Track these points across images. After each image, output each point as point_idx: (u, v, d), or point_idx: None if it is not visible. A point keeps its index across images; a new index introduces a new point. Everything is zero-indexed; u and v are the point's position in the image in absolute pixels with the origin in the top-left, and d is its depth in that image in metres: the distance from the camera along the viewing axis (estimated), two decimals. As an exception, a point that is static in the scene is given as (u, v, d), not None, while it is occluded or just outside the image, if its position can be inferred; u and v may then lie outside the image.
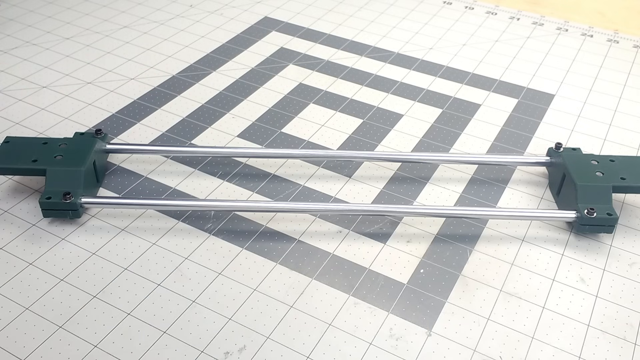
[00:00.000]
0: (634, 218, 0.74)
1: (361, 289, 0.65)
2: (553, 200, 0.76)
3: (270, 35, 1.09)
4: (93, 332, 0.60)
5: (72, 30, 1.09)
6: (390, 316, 0.62)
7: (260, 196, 0.76)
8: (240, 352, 0.59)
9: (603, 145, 0.85)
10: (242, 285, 0.65)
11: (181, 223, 0.72)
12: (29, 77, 0.96)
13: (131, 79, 0.97)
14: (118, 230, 0.71)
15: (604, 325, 0.62)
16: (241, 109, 0.91)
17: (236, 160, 0.81)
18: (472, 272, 0.67)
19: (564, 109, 0.92)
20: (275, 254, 0.68)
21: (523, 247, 0.70)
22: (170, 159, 0.81)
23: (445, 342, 0.60)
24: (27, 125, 0.86)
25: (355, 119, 0.89)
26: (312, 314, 0.62)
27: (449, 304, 0.64)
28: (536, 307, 0.64)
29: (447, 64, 1.02)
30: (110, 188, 0.76)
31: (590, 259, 0.69)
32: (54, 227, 0.71)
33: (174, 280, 0.65)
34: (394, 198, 0.76)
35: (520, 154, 0.83)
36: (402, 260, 0.68)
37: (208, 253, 0.68)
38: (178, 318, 0.61)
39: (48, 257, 0.67)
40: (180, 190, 0.76)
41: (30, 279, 0.65)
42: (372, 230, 0.72)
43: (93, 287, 0.64)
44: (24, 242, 0.69)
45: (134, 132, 0.86)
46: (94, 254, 0.68)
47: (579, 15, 1.18)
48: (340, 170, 0.80)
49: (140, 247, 0.69)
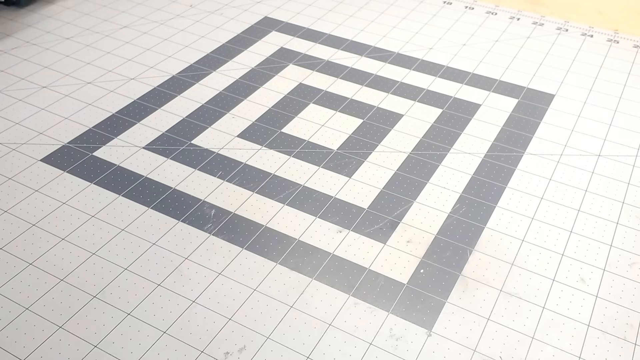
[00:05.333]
0: (634, 218, 0.74)
1: (361, 289, 0.65)
2: (554, 201, 0.76)
3: (270, 35, 1.09)
4: (93, 332, 0.60)
5: (72, 30, 1.09)
6: (390, 316, 0.62)
7: (260, 196, 0.76)
8: (240, 352, 0.59)
9: (603, 145, 0.85)
10: (242, 285, 0.65)
11: (181, 223, 0.72)
12: (29, 77, 0.96)
13: (131, 79, 0.97)
14: (118, 230, 0.71)
15: (604, 325, 0.62)
16: (241, 109, 0.91)
17: (236, 160, 0.81)
18: (472, 272, 0.67)
19: (564, 109, 0.92)
20: (275, 254, 0.68)
21: (523, 247, 0.70)
22: (170, 159, 0.81)
23: (445, 342, 0.60)
24: (27, 125, 0.86)
25: (355, 119, 0.89)
26: (312, 314, 0.62)
27: (449, 304, 0.64)
28: (536, 307, 0.64)
29: (447, 64, 1.02)
30: (110, 188, 0.76)
31: (590, 259, 0.69)
32: (54, 227, 0.71)
33: (174, 280, 0.65)
34: (394, 198, 0.76)
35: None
36: (402, 260, 0.68)
37: (208, 253, 0.68)
38: (178, 318, 0.61)
39: (48, 257, 0.67)
40: (180, 190, 0.76)
41: (30, 279, 0.65)
42: (372, 230, 0.71)
43: (93, 287, 0.64)
44: (24, 242, 0.69)
45: (134, 132, 0.86)
46: (94, 254, 0.68)
47: (579, 15, 1.18)
48: (340, 170, 0.80)
49: (140, 247, 0.69)
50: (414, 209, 0.74)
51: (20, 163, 0.80)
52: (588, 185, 0.78)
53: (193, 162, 0.80)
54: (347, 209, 0.74)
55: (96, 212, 0.73)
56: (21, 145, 0.83)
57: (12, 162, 0.80)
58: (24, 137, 0.84)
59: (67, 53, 1.02)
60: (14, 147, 0.82)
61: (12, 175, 0.78)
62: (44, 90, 0.94)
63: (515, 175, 0.80)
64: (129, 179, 0.78)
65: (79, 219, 0.72)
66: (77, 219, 0.72)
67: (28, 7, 1.15)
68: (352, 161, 0.81)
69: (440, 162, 0.81)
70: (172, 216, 0.73)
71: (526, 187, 0.78)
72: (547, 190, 0.78)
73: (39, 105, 0.90)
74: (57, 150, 0.82)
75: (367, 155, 0.82)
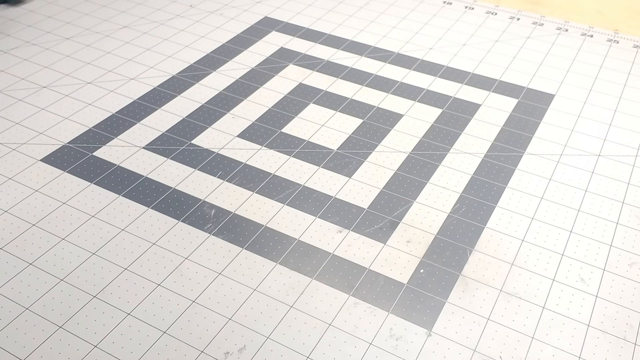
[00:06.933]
0: (634, 218, 0.74)
1: (361, 289, 0.65)
2: (554, 201, 0.76)
3: (270, 35, 1.09)
4: (93, 332, 0.60)
5: (72, 30, 1.09)
6: (390, 316, 0.62)
7: (260, 196, 0.76)
8: (240, 352, 0.59)
9: (603, 145, 0.85)
10: (242, 285, 0.65)
11: (181, 223, 0.72)
12: (29, 77, 0.96)
13: (131, 79, 0.97)
14: (118, 230, 0.71)
15: (604, 325, 0.62)
16: (241, 109, 0.91)
17: (236, 160, 0.81)
18: (472, 272, 0.67)
19: (564, 109, 0.92)
20: (275, 254, 0.68)
21: (523, 247, 0.70)
22: (170, 159, 0.81)
23: (445, 342, 0.60)
24: (27, 125, 0.86)
25: (355, 119, 0.89)
26: (312, 314, 0.62)
27: (449, 304, 0.64)
28: (536, 307, 0.64)
29: (447, 64, 1.02)
30: (110, 188, 0.76)
31: (590, 259, 0.69)
32: (54, 227, 0.71)
33: (174, 280, 0.65)
34: (394, 198, 0.76)
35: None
36: (402, 260, 0.68)
37: (208, 253, 0.68)
38: (178, 318, 0.61)
39: (48, 257, 0.67)
40: (180, 190, 0.76)
41: (30, 279, 0.65)
42: (372, 230, 0.71)
43: (93, 287, 0.64)
44: (24, 242, 0.69)
45: (134, 132, 0.86)
46: (94, 253, 0.68)
47: (579, 15, 1.18)
48: (340, 170, 0.80)
49: (140, 247, 0.69)
50: (414, 209, 0.74)
51: (20, 163, 0.80)
52: (588, 185, 0.78)
53: (193, 162, 0.80)
54: (347, 209, 0.74)
55: (96, 212, 0.73)
56: (21, 145, 0.83)
57: (12, 162, 0.80)
58: (24, 137, 0.84)
59: (67, 53, 1.02)
60: (14, 147, 0.82)
61: (12, 175, 0.78)
62: (44, 90, 0.94)
63: (515, 175, 0.80)
64: (129, 179, 0.78)
65: (79, 219, 0.72)
66: (77, 219, 0.72)
67: (28, 7, 1.15)
68: (352, 161, 0.81)
69: (440, 162, 0.81)
70: (172, 216, 0.73)
71: (526, 187, 0.78)
72: (547, 190, 0.78)
73: (39, 105, 0.90)
74: (57, 150, 0.82)
75: (367, 155, 0.82)
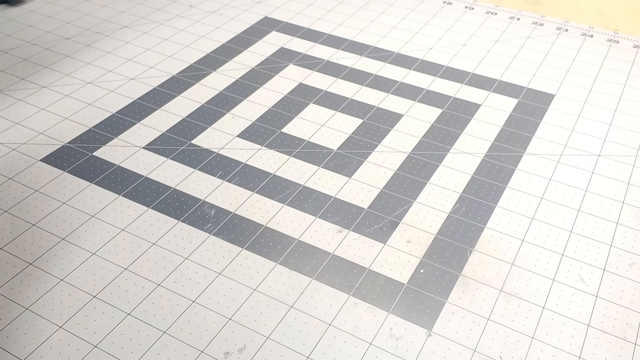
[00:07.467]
0: (634, 218, 0.74)
1: (361, 289, 0.65)
2: (554, 201, 0.76)
3: (270, 35, 1.09)
4: (93, 332, 0.60)
5: (72, 30, 1.09)
6: (390, 316, 0.62)
7: (260, 196, 0.76)
8: (240, 352, 0.59)
9: (603, 145, 0.85)
10: (242, 285, 0.65)
11: (181, 223, 0.72)
12: (29, 77, 0.96)
13: (131, 79, 0.97)
14: (118, 230, 0.71)
15: (604, 325, 0.62)
16: (241, 109, 0.91)
17: (236, 160, 0.81)
18: (472, 272, 0.67)
19: (564, 109, 0.92)
20: (275, 254, 0.68)
21: (523, 247, 0.70)
22: (170, 159, 0.81)
23: (445, 342, 0.60)
24: (27, 125, 0.86)
25: (355, 119, 0.89)
26: (312, 314, 0.62)
27: (449, 304, 0.64)
28: (536, 307, 0.64)
29: (447, 64, 1.02)
30: (110, 188, 0.76)
31: (590, 259, 0.69)
32: (54, 227, 0.71)
33: (174, 280, 0.65)
34: (394, 198, 0.76)
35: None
36: (402, 260, 0.68)
37: (208, 253, 0.68)
38: (178, 318, 0.61)
39: (48, 257, 0.67)
40: (181, 190, 0.76)
41: (31, 279, 0.65)
42: (372, 230, 0.72)
43: (93, 287, 0.64)
44: (24, 242, 0.69)
45: (134, 132, 0.86)
46: (93, 254, 0.68)
47: (579, 15, 1.18)
48: (340, 170, 0.80)
49: (140, 247, 0.69)
50: (414, 209, 0.74)
51: (20, 163, 0.80)
52: (588, 185, 0.78)
53: (193, 162, 0.80)
54: (347, 209, 0.74)
55: (96, 212, 0.73)
56: (21, 145, 0.83)
57: (12, 162, 0.80)
58: (24, 137, 0.84)
59: (67, 53, 1.02)
60: (14, 147, 0.82)
61: (12, 175, 0.78)
62: (44, 90, 0.94)
63: (515, 175, 0.80)
64: (129, 179, 0.78)
65: (79, 219, 0.72)
66: (77, 219, 0.72)
67: (28, 7, 1.15)
68: (352, 161, 0.81)
69: (440, 162, 0.81)
70: (172, 216, 0.73)
71: (526, 187, 0.78)
72: (547, 190, 0.78)
73: (39, 105, 0.90)
74: (57, 150, 0.82)
75: (367, 155, 0.82)
